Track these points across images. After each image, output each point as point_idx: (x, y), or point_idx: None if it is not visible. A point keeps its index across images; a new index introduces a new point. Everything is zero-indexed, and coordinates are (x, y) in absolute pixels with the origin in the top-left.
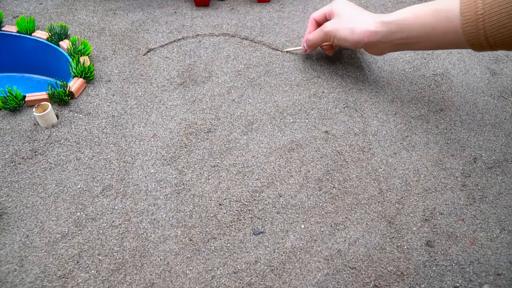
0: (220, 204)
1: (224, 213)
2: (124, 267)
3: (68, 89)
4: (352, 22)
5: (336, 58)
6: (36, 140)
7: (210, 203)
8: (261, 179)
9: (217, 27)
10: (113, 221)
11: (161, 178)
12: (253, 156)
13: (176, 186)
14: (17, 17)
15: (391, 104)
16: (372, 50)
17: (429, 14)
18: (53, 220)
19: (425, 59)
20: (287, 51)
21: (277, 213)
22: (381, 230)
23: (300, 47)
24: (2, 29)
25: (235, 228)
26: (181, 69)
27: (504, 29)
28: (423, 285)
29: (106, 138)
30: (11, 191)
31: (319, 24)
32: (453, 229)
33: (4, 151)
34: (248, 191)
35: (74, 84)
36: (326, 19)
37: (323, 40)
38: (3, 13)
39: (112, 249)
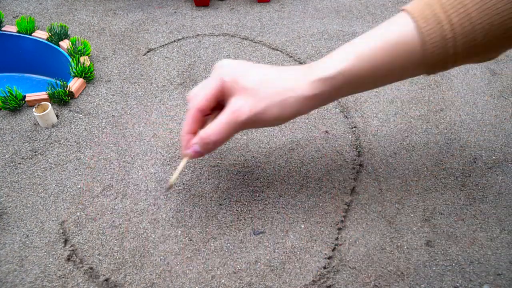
0: (220, 204)
1: (224, 213)
2: (124, 267)
3: (68, 89)
4: (277, 93)
5: None
6: (36, 140)
7: (210, 203)
8: (261, 179)
9: (217, 27)
10: (113, 221)
11: (161, 178)
12: (253, 156)
13: (176, 186)
14: (17, 17)
15: (391, 104)
16: (304, 113)
17: (382, 53)
18: (53, 220)
19: None
20: (170, 186)
21: (277, 213)
22: (381, 230)
23: (183, 163)
24: (2, 29)
25: (235, 228)
26: (181, 69)
27: (479, 48)
28: (423, 285)
29: (106, 138)
30: (11, 191)
31: (207, 114)
32: (453, 229)
33: (4, 151)
34: (248, 191)
35: (74, 84)
36: (218, 103)
37: (235, 133)
38: (3, 13)
39: (112, 249)
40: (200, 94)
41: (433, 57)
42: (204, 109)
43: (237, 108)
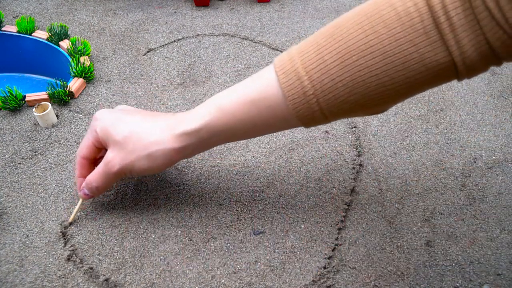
0: (220, 204)
1: (224, 213)
2: (124, 267)
3: (68, 89)
4: (144, 147)
5: None
6: (36, 140)
7: (210, 203)
8: (261, 179)
9: (217, 27)
10: (113, 221)
11: (161, 178)
12: (253, 156)
13: (176, 186)
14: (17, 17)
15: None
16: (180, 160)
17: (245, 108)
18: (53, 220)
19: None
20: (69, 223)
21: (277, 213)
22: (381, 230)
23: (80, 202)
24: (2, 29)
25: (235, 228)
26: (181, 69)
27: (346, 104)
28: (423, 285)
29: None
30: (11, 191)
31: (92, 160)
32: (453, 229)
33: (4, 151)
34: (248, 191)
35: (74, 84)
36: (99, 149)
37: (114, 181)
38: (3, 13)
39: (112, 249)
40: (82, 145)
41: (298, 113)
42: (87, 156)
43: (109, 160)
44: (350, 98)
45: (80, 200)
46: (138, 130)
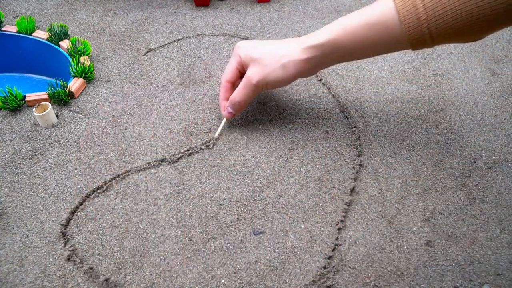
0: (220, 204)
1: (224, 213)
2: (124, 267)
3: (68, 89)
4: (277, 59)
5: None
6: (36, 140)
7: (210, 203)
8: (261, 179)
9: (217, 27)
10: (113, 221)
11: (161, 178)
12: (253, 156)
13: (176, 186)
14: (17, 17)
15: (391, 104)
16: (306, 75)
17: (364, 29)
18: (53, 220)
19: (425, 59)
20: (218, 136)
21: (277, 213)
22: (381, 230)
23: (223, 121)
24: (2, 29)
25: (235, 228)
26: (181, 69)
27: (452, 29)
28: (423, 285)
29: (106, 138)
30: (11, 191)
31: (234, 84)
32: (453, 229)
33: (4, 151)
34: (248, 191)
35: (74, 84)
36: (241, 73)
37: (254, 95)
38: (3, 13)
39: (112, 249)
40: (226, 71)
41: (410, 36)
42: (230, 80)
43: (250, 74)
44: (456, 24)
45: (224, 120)
46: (273, 48)
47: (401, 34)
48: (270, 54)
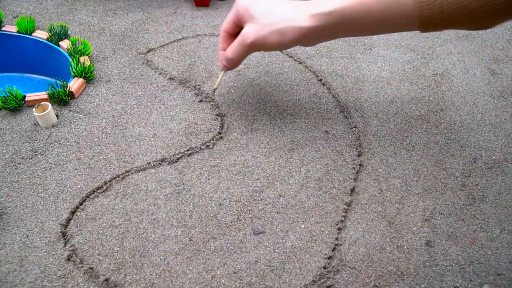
0: (220, 204)
1: (224, 213)
2: (124, 267)
3: (68, 89)
4: (277, 22)
5: (335, 58)
6: (36, 140)
7: (210, 203)
8: (261, 179)
9: (217, 27)
10: (113, 221)
11: (161, 178)
12: (253, 156)
13: (176, 186)
14: (17, 17)
15: (391, 104)
16: (306, 44)
17: (373, 2)
18: (53, 220)
19: (425, 59)
20: (215, 89)
21: (277, 213)
22: (381, 230)
23: (222, 73)
24: (2, 29)
25: (235, 228)
26: (181, 69)
27: (465, 10)
28: (423, 285)
29: (106, 138)
30: (11, 191)
31: (232, 35)
32: (453, 229)
33: (4, 151)
34: (248, 191)
35: (74, 84)
36: (237, 26)
37: (247, 54)
38: (3, 13)
39: (112, 249)
40: (225, 20)
41: (421, 13)
42: (227, 30)
43: (245, 33)
44: (471, 4)
45: (222, 72)
46: (275, 8)
47: (413, 11)
48: (272, 15)
